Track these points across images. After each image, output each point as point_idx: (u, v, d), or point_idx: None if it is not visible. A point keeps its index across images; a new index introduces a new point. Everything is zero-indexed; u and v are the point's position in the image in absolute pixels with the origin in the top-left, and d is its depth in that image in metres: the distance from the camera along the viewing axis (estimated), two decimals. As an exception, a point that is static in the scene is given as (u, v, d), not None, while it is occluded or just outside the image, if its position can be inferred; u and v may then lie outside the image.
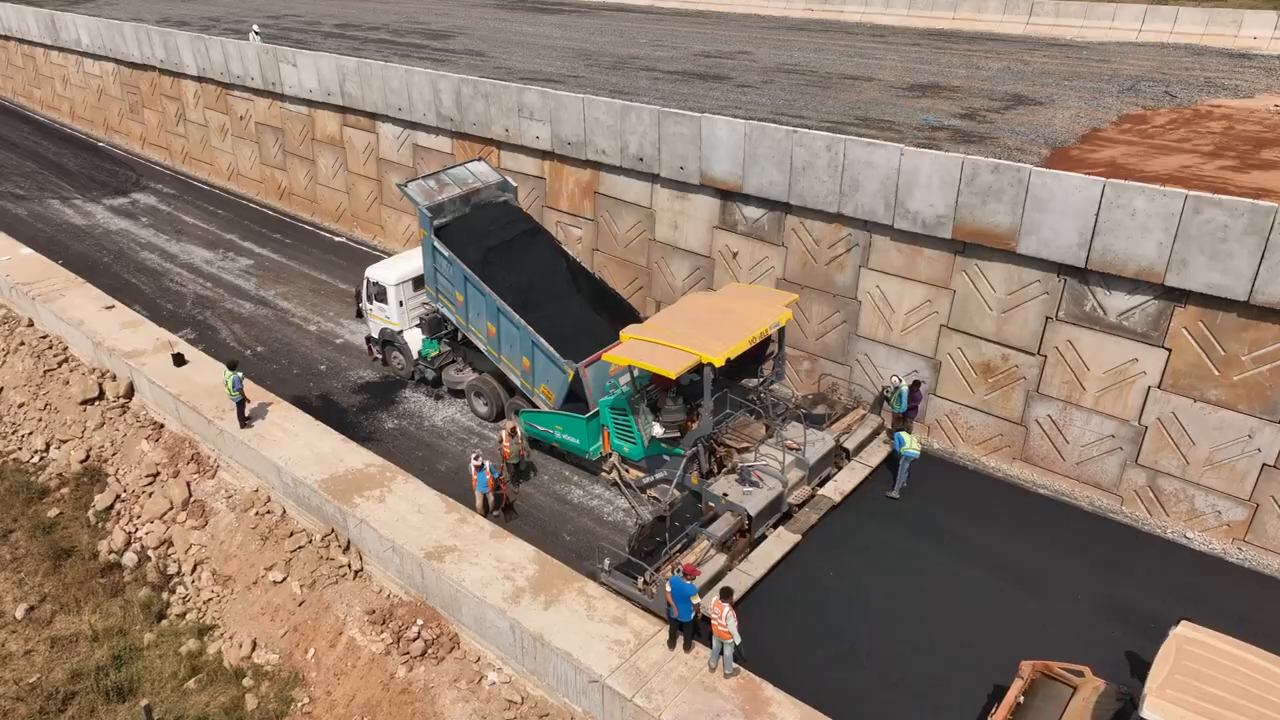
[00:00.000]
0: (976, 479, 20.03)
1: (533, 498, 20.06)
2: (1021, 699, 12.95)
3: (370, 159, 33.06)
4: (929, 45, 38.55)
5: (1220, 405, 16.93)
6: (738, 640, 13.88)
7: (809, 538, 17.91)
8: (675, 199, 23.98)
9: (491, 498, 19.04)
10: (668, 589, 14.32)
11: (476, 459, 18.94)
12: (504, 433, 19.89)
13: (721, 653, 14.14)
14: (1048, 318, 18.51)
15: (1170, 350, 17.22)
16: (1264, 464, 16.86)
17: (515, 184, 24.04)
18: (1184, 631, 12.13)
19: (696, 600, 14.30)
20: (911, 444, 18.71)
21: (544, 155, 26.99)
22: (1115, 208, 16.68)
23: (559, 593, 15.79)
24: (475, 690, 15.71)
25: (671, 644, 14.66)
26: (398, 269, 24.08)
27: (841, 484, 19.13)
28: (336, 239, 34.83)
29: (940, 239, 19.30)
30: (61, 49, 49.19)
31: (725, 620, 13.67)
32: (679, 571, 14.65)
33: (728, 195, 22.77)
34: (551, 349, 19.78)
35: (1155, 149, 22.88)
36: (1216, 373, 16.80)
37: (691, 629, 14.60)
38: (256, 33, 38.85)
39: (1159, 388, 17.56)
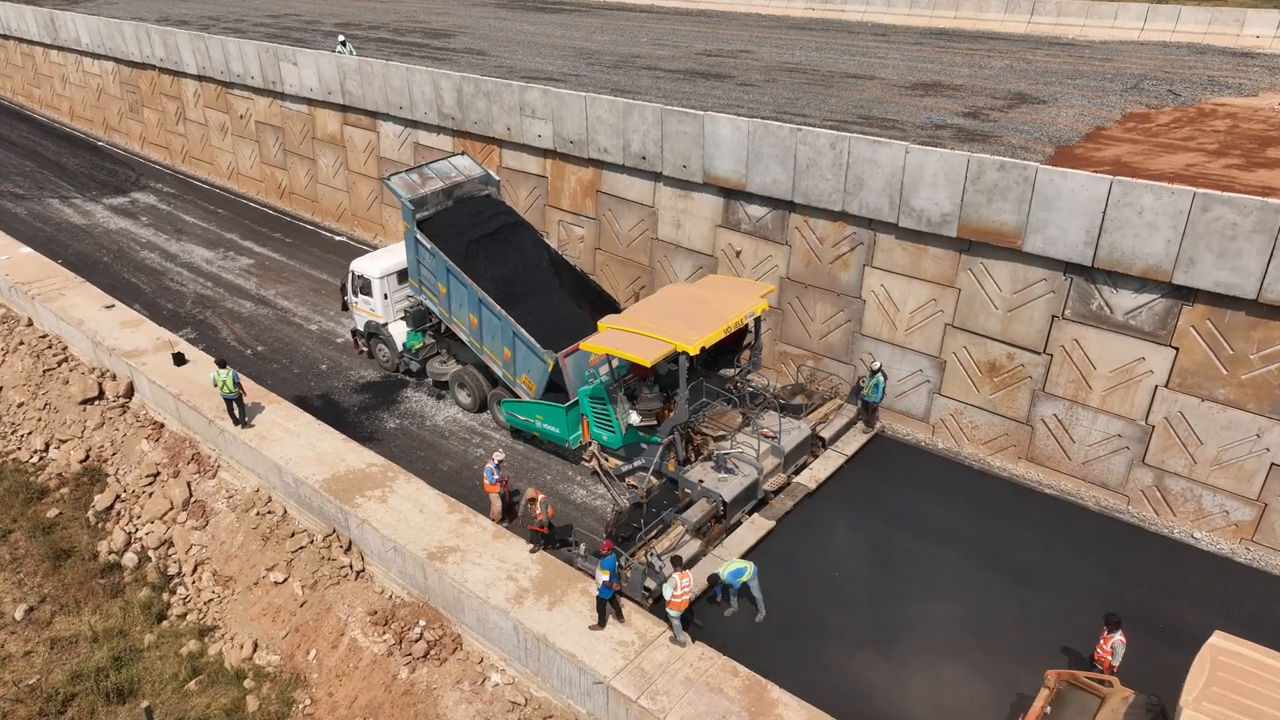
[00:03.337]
0: (981, 479, 19.92)
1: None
2: (1048, 709, 12.64)
3: (371, 158, 32.94)
4: (931, 44, 38.45)
5: (1228, 404, 16.82)
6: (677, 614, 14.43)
7: (810, 536, 17.88)
8: (678, 197, 23.87)
9: (496, 501, 18.75)
10: (605, 576, 14.55)
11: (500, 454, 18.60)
12: (535, 506, 16.96)
13: (684, 625, 14.55)
14: (1054, 316, 18.41)
15: (1177, 349, 17.11)
16: (1272, 463, 16.73)
17: (499, 178, 24.17)
18: (1218, 642, 11.69)
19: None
20: (728, 567, 15.90)
21: (546, 154, 26.88)
22: (1122, 206, 16.57)
23: (562, 593, 15.70)
24: (478, 692, 15.60)
25: (603, 623, 14.93)
26: (382, 262, 24.15)
27: (817, 472, 19.41)
28: (337, 238, 34.72)
29: (945, 237, 19.20)
30: (61, 48, 49.08)
31: (681, 591, 14.17)
32: (604, 554, 14.87)
33: (731, 194, 22.67)
34: (532, 339, 19.93)
35: (1160, 147, 22.76)
36: (1224, 372, 16.69)
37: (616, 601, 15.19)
38: (343, 42, 35.59)
39: (1166, 387, 17.45)
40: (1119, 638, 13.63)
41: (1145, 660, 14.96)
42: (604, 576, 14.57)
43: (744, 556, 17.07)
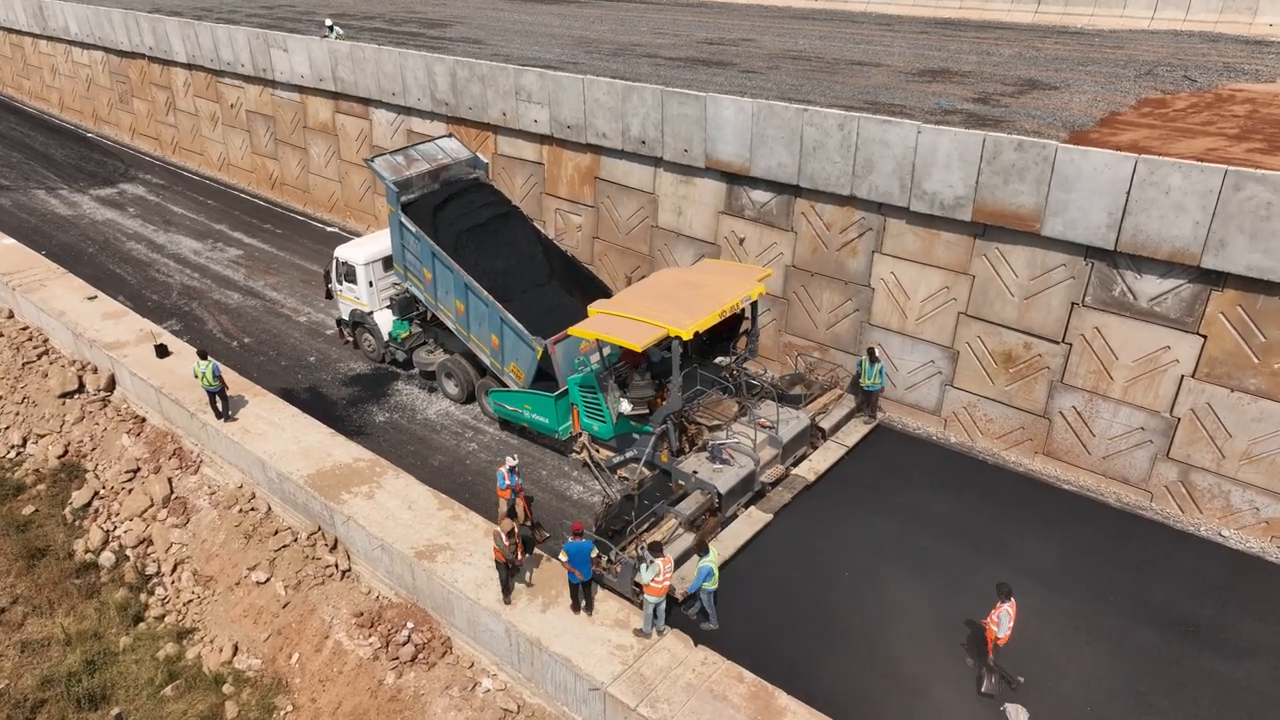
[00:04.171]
0: (996, 474, 19.09)
1: (530, 494, 19.09)
2: None
3: (364, 147, 32.11)
4: (936, 33, 37.71)
5: (1259, 395, 15.95)
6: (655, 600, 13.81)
7: (810, 531, 17.15)
8: (679, 183, 23.05)
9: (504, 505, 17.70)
10: (564, 558, 14.08)
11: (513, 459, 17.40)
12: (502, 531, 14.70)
13: (655, 614, 13.94)
14: (1073, 303, 17.57)
15: (1205, 337, 16.26)
16: (1305, 458, 15.93)
17: (486, 160, 23.41)
18: None
19: (595, 554, 14.51)
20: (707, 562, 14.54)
21: (542, 140, 26.05)
22: (1148, 185, 15.74)
23: (557, 594, 14.89)
24: (468, 698, 14.78)
25: (575, 608, 14.51)
26: (367, 248, 23.48)
27: (816, 464, 18.70)
28: (329, 229, 33.87)
29: (959, 221, 18.37)
30: (50, 38, 48.25)
31: (663, 576, 13.59)
32: (579, 538, 14.32)
33: (734, 179, 21.85)
34: (520, 325, 19.25)
35: (1178, 132, 21.95)
36: (1256, 360, 15.83)
37: (588, 589, 14.68)
38: (330, 27, 34.11)
39: (1193, 377, 16.60)
40: (1006, 607, 13.12)
41: (1176, 665, 14.20)
42: (563, 558, 14.10)
43: (741, 551, 16.45)
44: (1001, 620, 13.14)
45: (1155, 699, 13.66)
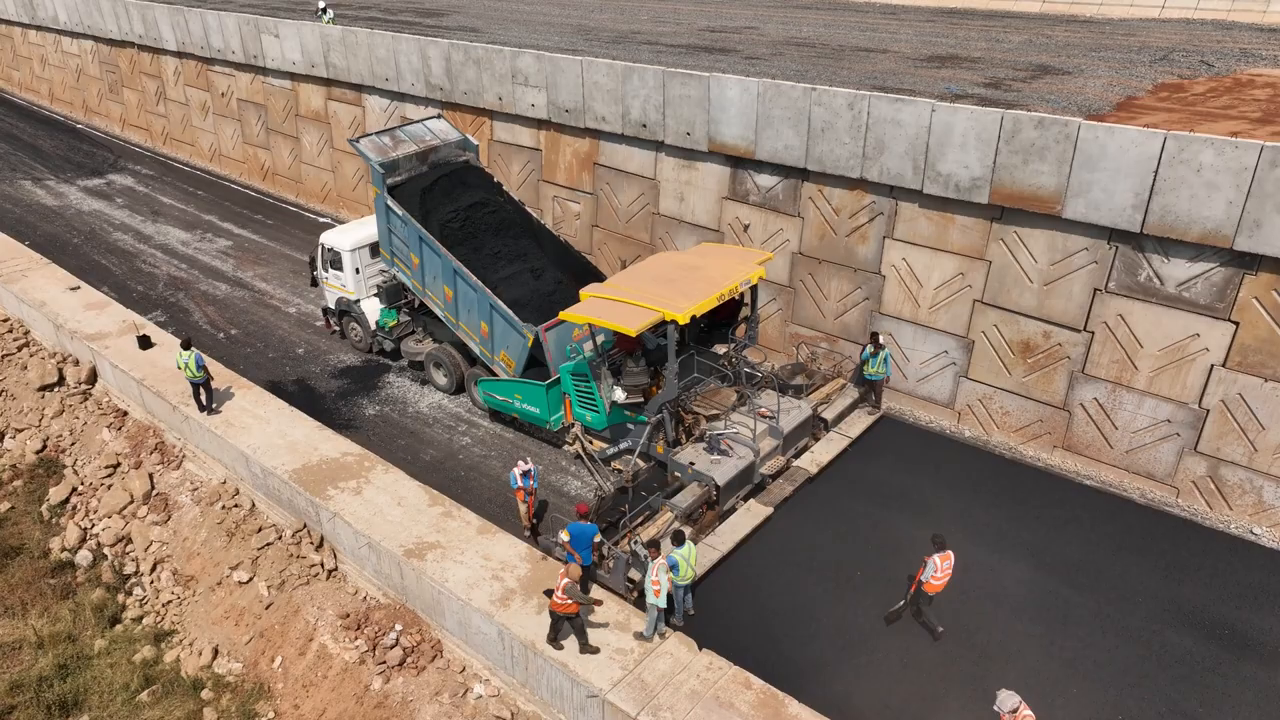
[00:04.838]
0: (1013, 469, 18.28)
1: (542, 498, 18.29)
2: None
3: (357, 135, 31.24)
4: (944, 21, 36.99)
5: (1295, 385, 15.18)
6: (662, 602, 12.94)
7: (812, 525, 16.42)
8: (681, 168, 22.22)
9: (522, 507, 16.99)
10: (566, 538, 13.51)
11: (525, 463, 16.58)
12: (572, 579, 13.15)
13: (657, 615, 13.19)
14: (1096, 289, 16.75)
15: (1238, 324, 15.44)
16: (1342, 451, 15.12)
17: (476, 142, 22.61)
18: None
19: (598, 539, 14.01)
20: (684, 569, 13.52)
21: (540, 125, 25.22)
22: (1178, 163, 14.93)
23: (554, 595, 14.05)
24: (459, 705, 13.98)
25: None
26: (353, 234, 22.67)
27: (819, 456, 17.90)
28: (321, 220, 33.01)
29: (975, 204, 17.55)
30: (39, 28, 47.40)
31: (658, 573, 12.74)
32: (584, 519, 13.81)
33: (739, 163, 21.02)
34: (510, 312, 18.52)
35: (1198, 116, 21.15)
36: (1292, 348, 15.06)
37: (584, 575, 14.14)
38: (324, 10, 33.55)
39: (1223, 366, 15.79)
40: (936, 557, 13.42)
41: (1211, 670, 13.39)
42: (564, 537, 13.48)
43: (740, 545, 15.66)
44: (928, 566, 13.42)
45: (1189, 705, 12.86)
